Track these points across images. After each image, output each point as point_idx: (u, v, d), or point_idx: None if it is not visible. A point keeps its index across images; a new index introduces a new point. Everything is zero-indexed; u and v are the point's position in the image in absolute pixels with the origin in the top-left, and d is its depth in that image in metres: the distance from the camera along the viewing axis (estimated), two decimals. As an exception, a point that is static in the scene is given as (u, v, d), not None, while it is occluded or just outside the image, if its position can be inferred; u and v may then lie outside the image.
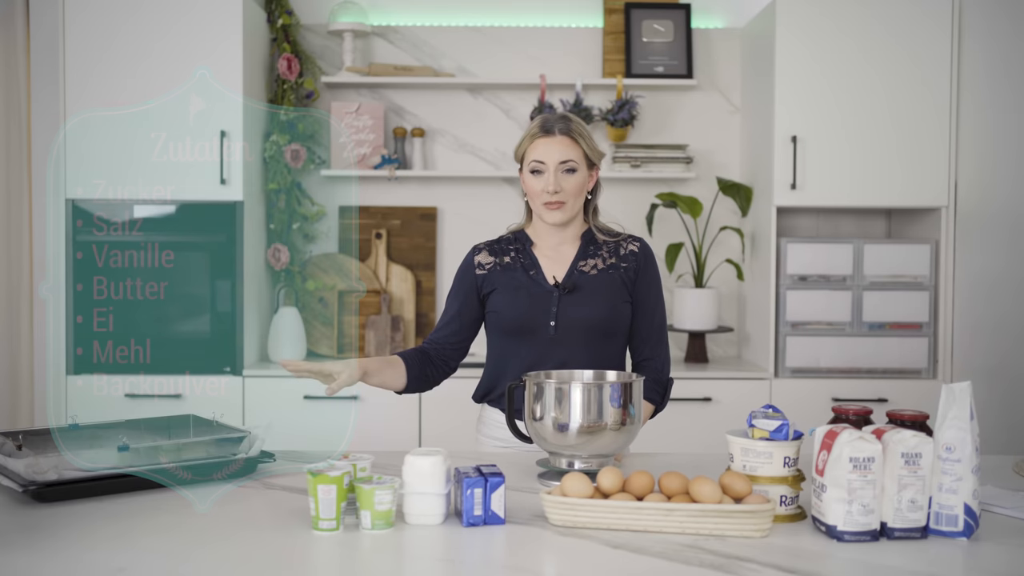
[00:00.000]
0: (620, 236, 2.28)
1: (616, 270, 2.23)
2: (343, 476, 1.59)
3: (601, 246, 2.26)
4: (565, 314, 2.18)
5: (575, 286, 2.20)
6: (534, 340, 2.19)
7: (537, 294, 2.20)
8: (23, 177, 3.83)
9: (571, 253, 2.25)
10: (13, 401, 3.80)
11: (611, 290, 2.21)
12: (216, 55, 3.52)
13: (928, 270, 3.61)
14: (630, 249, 2.26)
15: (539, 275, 2.23)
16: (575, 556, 1.51)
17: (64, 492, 1.76)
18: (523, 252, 2.27)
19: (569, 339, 2.18)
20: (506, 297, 2.22)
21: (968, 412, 1.59)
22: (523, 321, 2.20)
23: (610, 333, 2.21)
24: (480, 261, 2.28)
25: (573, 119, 2.22)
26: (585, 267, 2.23)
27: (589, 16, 4.04)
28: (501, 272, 2.25)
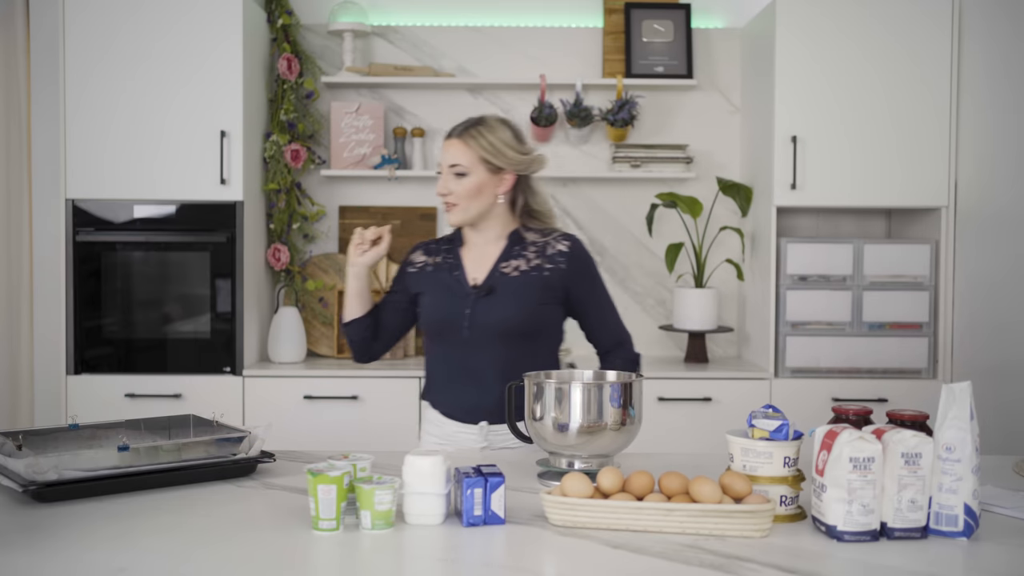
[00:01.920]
0: (550, 235, 2.28)
1: (540, 272, 2.23)
2: (343, 476, 1.59)
3: (528, 246, 2.26)
4: (478, 316, 2.20)
5: (492, 288, 2.21)
6: (451, 341, 2.23)
7: (456, 295, 2.23)
8: (23, 177, 3.83)
9: (495, 254, 2.27)
10: (13, 401, 3.80)
11: (530, 292, 2.21)
12: (216, 55, 3.52)
13: (928, 270, 3.61)
14: (558, 249, 2.26)
15: (461, 276, 2.26)
16: (575, 556, 1.51)
17: (64, 492, 1.76)
18: (452, 252, 2.30)
19: (483, 341, 2.20)
20: (429, 298, 2.27)
21: (968, 412, 1.59)
22: (440, 322, 2.24)
23: (527, 335, 2.21)
24: (413, 259, 2.34)
25: (484, 123, 2.23)
26: (506, 268, 2.24)
27: (589, 16, 4.05)
28: (432, 272, 2.29)
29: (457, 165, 2.21)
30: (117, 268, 3.58)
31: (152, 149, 3.54)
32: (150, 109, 3.52)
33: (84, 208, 3.55)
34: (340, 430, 3.49)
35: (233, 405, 3.52)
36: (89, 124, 3.52)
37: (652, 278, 4.06)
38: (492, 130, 2.22)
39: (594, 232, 4.06)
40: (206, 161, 3.53)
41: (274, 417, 3.36)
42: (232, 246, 3.56)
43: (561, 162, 4.02)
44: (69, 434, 2.02)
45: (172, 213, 3.57)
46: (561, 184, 4.04)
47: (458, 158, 2.21)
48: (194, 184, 3.54)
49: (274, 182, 3.78)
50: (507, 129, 2.25)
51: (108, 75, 3.51)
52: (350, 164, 3.91)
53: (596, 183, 4.04)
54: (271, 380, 3.57)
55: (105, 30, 3.51)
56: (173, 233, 3.57)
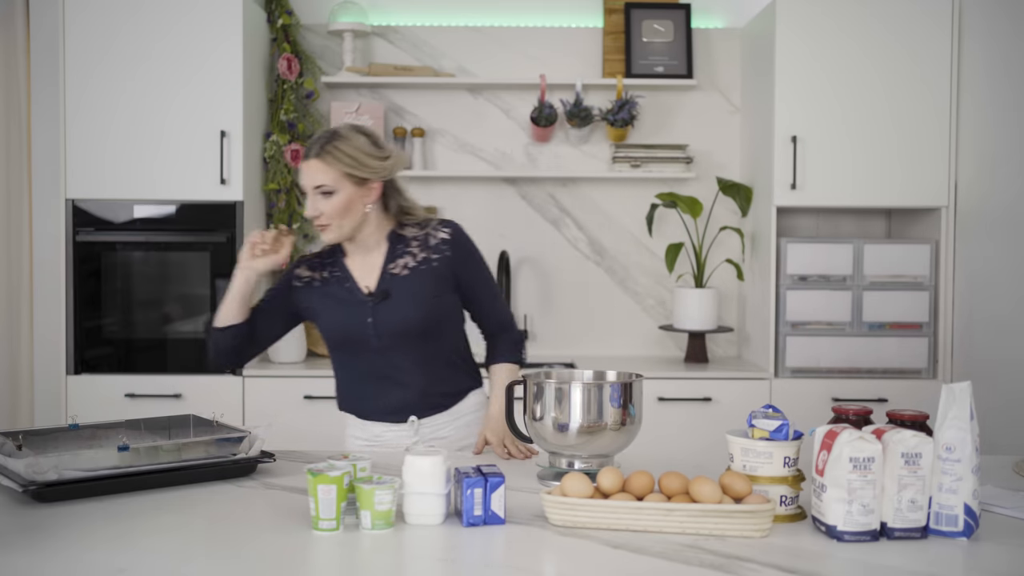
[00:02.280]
0: (429, 225, 2.26)
1: (428, 264, 2.22)
2: (343, 476, 1.59)
3: (410, 242, 2.24)
4: (382, 321, 2.19)
5: (387, 292, 2.20)
6: (362, 350, 2.22)
7: (352, 307, 2.22)
8: (23, 177, 3.83)
9: (380, 258, 2.25)
10: (13, 401, 3.80)
11: (426, 287, 2.21)
12: (216, 55, 3.52)
13: (928, 270, 3.61)
14: (440, 238, 2.25)
15: (353, 286, 2.23)
16: (575, 556, 1.51)
17: (64, 492, 1.76)
18: (336, 265, 2.27)
19: (392, 345, 2.20)
20: (325, 314, 2.24)
21: (968, 412, 1.59)
22: (345, 335, 2.23)
23: (433, 330, 2.23)
24: (298, 274, 2.29)
25: (338, 136, 2.15)
26: (395, 269, 2.22)
27: (589, 16, 4.04)
28: (319, 287, 2.26)
29: (322, 185, 2.13)
30: (117, 268, 3.58)
31: (152, 149, 3.54)
32: (150, 109, 3.52)
33: (84, 208, 3.55)
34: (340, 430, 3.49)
35: (233, 405, 3.52)
36: (89, 124, 3.52)
37: (652, 278, 4.06)
38: (348, 142, 2.14)
39: (594, 232, 4.06)
40: (206, 161, 3.53)
41: (274, 417, 3.36)
42: (232, 246, 3.56)
43: (561, 162, 4.02)
44: (69, 434, 2.02)
45: (172, 213, 3.57)
46: (561, 184, 4.04)
47: (321, 178, 2.12)
48: (194, 184, 3.54)
49: (274, 182, 3.78)
50: (362, 136, 2.17)
51: (108, 75, 3.51)
52: (350, 164, 3.90)
53: (596, 183, 4.04)
54: (271, 380, 3.57)
55: (105, 30, 3.51)
56: (173, 233, 3.57)
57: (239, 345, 2.23)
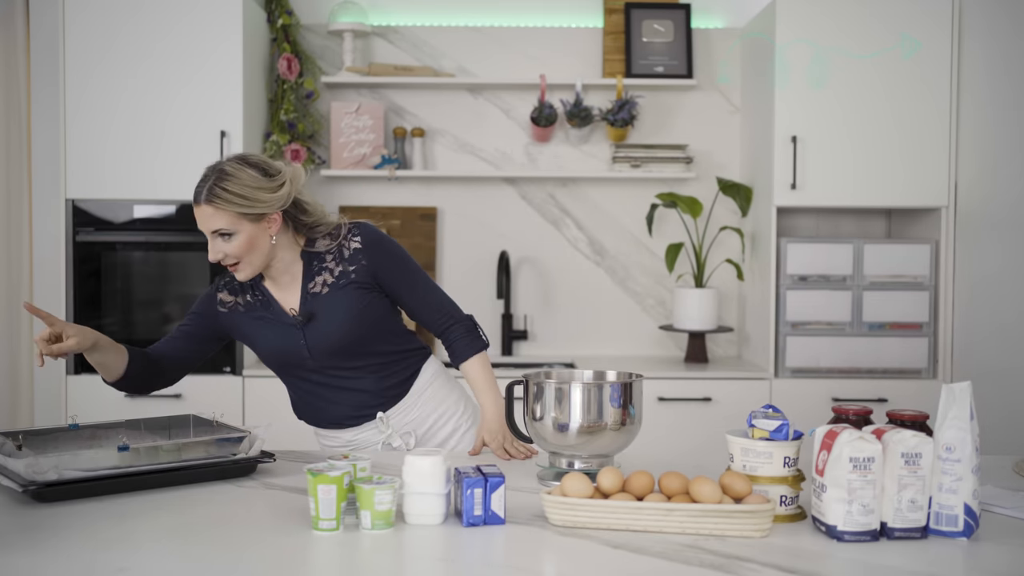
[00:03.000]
0: (340, 236, 2.18)
1: (347, 277, 2.15)
2: (343, 476, 1.59)
3: (324, 257, 2.16)
4: (314, 342, 2.15)
5: (311, 314, 2.14)
6: (299, 370, 2.20)
7: (282, 330, 2.16)
8: (23, 177, 3.83)
9: (297, 279, 2.17)
10: (13, 401, 3.80)
11: (348, 302, 2.14)
12: (216, 55, 3.52)
13: (928, 270, 3.61)
14: (353, 248, 2.17)
15: (277, 309, 2.17)
16: (575, 556, 1.51)
17: (64, 492, 1.76)
18: (256, 289, 2.20)
19: (329, 362, 2.17)
20: (258, 338, 2.19)
21: (968, 412, 1.59)
22: (282, 358, 2.19)
23: (367, 338, 2.17)
24: (221, 299, 2.21)
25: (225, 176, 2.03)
26: (315, 288, 2.15)
27: (589, 16, 4.05)
28: (244, 312, 2.19)
29: (219, 229, 2.03)
30: (117, 268, 3.58)
31: (152, 149, 3.54)
32: (150, 109, 3.52)
33: (84, 208, 3.55)
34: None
35: (233, 405, 3.52)
36: (89, 124, 3.52)
37: (652, 278, 4.06)
38: (235, 180, 2.02)
39: (594, 232, 4.06)
40: (206, 161, 3.45)
41: (274, 417, 3.35)
42: (232, 246, 3.55)
43: (561, 162, 4.02)
44: (69, 434, 2.02)
45: (172, 213, 3.57)
46: (561, 184, 4.04)
47: (216, 223, 2.02)
48: (194, 184, 3.52)
49: (274, 182, 3.78)
50: (249, 169, 2.05)
51: (108, 75, 3.52)
52: (350, 164, 3.91)
53: (596, 183, 4.04)
54: (271, 380, 3.56)
55: (105, 30, 3.51)
56: (173, 233, 3.57)
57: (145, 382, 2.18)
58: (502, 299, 3.96)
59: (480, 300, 3.94)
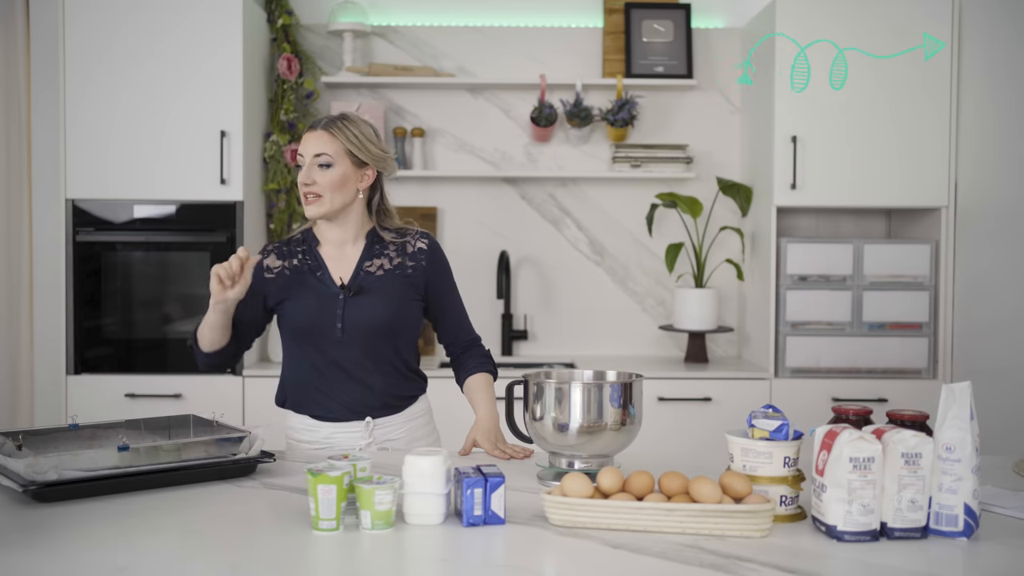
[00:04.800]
0: (407, 234, 2.29)
1: (403, 270, 2.25)
2: (343, 476, 1.59)
3: (387, 245, 2.27)
4: (351, 316, 2.19)
5: (361, 288, 2.21)
6: (322, 342, 2.21)
7: (324, 296, 2.21)
8: (23, 177, 3.83)
9: (356, 254, 2.26)
10: (13, 401, 3.80)
11: (397, 290, 2.23)
12: (216, 55, 3.52)
13: (928, 270, 3.61)
14: (418, 247, 2.28)
15: (326, 276, 2.24)
16: (575, 556, 1.51)
17: (64, 492, 1.76)
18: (310, 253, 2.27)
19: (356, 340, 2.20)
20: (294, 300, 2.23)
21: (968, 412, 1.59)
22: (311, 324, 2.21)
23: (397, 333, 2.24)
24: (268, 265, 2.27)
25: (347, 118, 2.21)
26: (371, 267, 2.24)
27: (589, 16, 4.05)
28: (290, 276, 2.25)
29: (323, 155, 2.16)
30: (117, 268, 3.58)
31: (152, 149, 3.54)
32: (150, 109, 3.52)
33: (84, 208, 3.55)
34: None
35: (233, 405, 3.52)
36: (89, 124, 3.52)
37: (652, 278, 4.06)
38: (355, 124, 2.21)
39: (594, 232, 4.06)
40: (206, 161, 3.53)
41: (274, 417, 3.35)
42: (232, 246, 3.56)
43: (561, 162, 4.02)
44: (69, 434, 2.02)
45: (172, 213, 3.57)
46: (561, 184, 4.04)
47: (323, 147, 2.16)
48: (194, 184, 3.54)
49: (274, 182, 3.78)
50: (368, 126, 2.24)
51: (108, 75, 3.52)
52: (350, 164, 3.90)
53: (596, 183, 4.04)
54: (271, 380, 3.56)
55: (105, 30, 3.51)
56: (173, 233, 3.57)
57: (228, 358, 2.26)
58: (502, 299, 3.96)
59: (480, 300, 3.94)
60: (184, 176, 3.54)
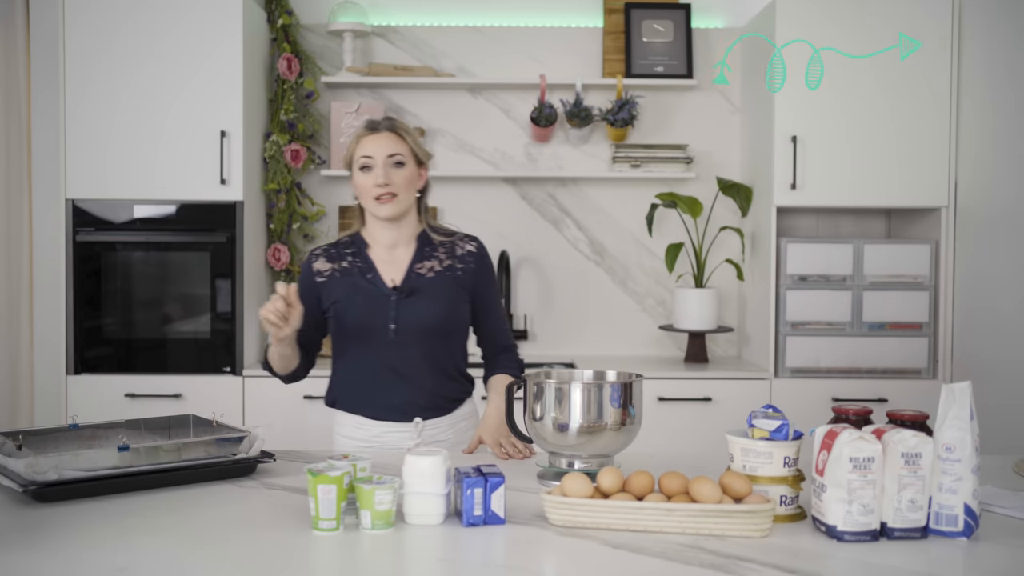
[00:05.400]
0: (455, 236, 2.34)
1: (453, 272, 2.29)
2: (343, 476, 1.59)
3: (437, 247, 2.31)
4: (404, 317, 2.23)
5: (413, 289, 2.25)
6: (375, 343, 2.24)
7: (376, 298, 2.25)
8: (23, 177, 3.83)
9: (407, 256, 2.30)
10: (13, 401, 3.80)
11: (448, 292, 2.27)
12: (216, 55, 3.52)
13: (928, 270, 3.61)
14: (467, 249, 2.32)
15: (376, 278, 2.27)
16: (575, 556, 1.51)
17: (64, 492, 1.76)
18: (360, 256, 2.30)
19: (409, 341, 2.23)
20: (348, 302, 2.26)
21: (968, 412, 1.59)
22: (364, 325, 2.24)
23: (448, 333, 2.28)
24: (319, 268, 2.31)
25: (397, 118, 2.31)
26: (422, 269, 2.28)
27: (589, 16, 4.05)
28: (340, 278, 2.28)
29: (396, 154, 2.22)
30: (117, 268, 3.58)
31: (152, 149, 3.54)
32: (150, 109, 3.52)
33: (84, 208, 3.55)
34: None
35: (233, 405, 3.52)
36: (89, 124, 3.52)
37: (652, 278, 4.06)
38: (406, 124, 2.32)
39: (594, 232, 4.06)
40: (206, 161, 3.53)
41: (274, 417, 3.36)
42: (232, 246, 3.56)
43: (561, 162, 4.02)
44: (69, 434, 2.02)
45: (172, 213, 3.57)
46: (561, 184, 4.04)
47: (396, 148, 2.23)
48: (194, 184, 3.54)
49: (274, 182, 3.78)
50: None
51: (108, 75, 3.51)
52: (350, 164, 3.90)
53: (596, 183, 4.04)
54: (271, 380, 3.55)
55: (105, 30, 3.51)
56: (173, 233, 3.57)
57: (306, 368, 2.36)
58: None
59: (480, 300, 3.93)
60: (184, 176, 3.54)
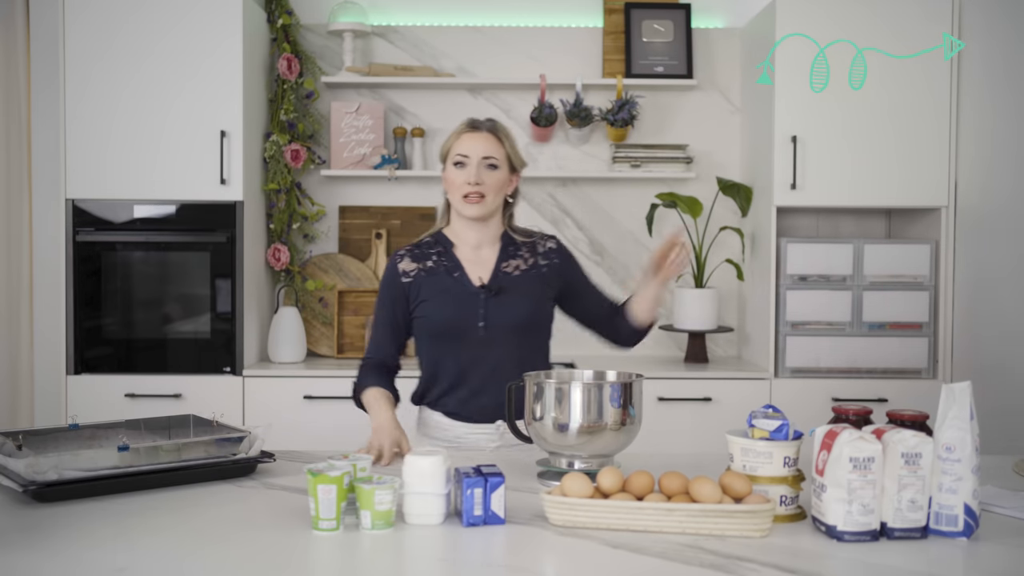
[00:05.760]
0: (535, 236, 2.38)
1: (537, 269, 2.32)
2: (343, 476, 1.59)
3: (520, 247, 2.34)
4: (493, 315, 2.25)
5: (501, 287, 2.27)
6: (464, 342, 2.25)
7: (464, 297, 2.26)
8: (23, 177, 3.83)
9: (492, 255, 2.32)
10: (13, 401, 3.80)
11: (535, 289, 2.31)
12: (216, 55, 3.52)
13: (928, 270, 3.61)
14: (548, 247, 2.36)
15: (463, 277, 2.29)
16: (575, 556, 1.51)
17: (64, 492, 1.76)
18: (445, 255, 2.32)
19: (498, 338, 2.25)
20: (434, 302, 2.27)
21: (968, 412, 1.59)
22: (453, 324, 2.25)
23: (535, 330, 2.32)
24: (404, 269, 2.31)
25: (501, 124, 2.32)
26: (508, 268, 2.31)
27: (589, 16, 4.05)
28: (426, 277, 2.29)
29: (491, 157, 2.25)
30: (117, 268, 3.58)
31: (152, 149, 3.54)
32: (150, 109, 3.52)
33: (84, 208, 3.55)
34: (340, 430, 3.49)
35: (233, 405, 3.52)
36: (89, 124, 3.52)
37: (652, 278, 4.06)
38: (508, 131, 2.32)
39: (594, 232, 4.06)
40: (206, 161, 3.53)
41: (274, 417, 3.36)
42: (232, 246, 3.56)
43: (561, 162, 4.02)
44: (69, 434, 2.02)
45: (172, 213, 3.57)
46: (561, 184, 4.04)
47: (493, 151, 2.26)
48: (194, 184, 3.54)
49: (274, 182, 3.78)
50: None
51: (108, 75, 3.51)
52: (350, 164, 3.91)
53: (596, 183, 4.04)
54: (271, 380, 3.57)
55: (105, 30, 3.51)
56: (173, 233, 3.57)
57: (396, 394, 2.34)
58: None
59: (480, 300, 3.93)
60: (184, 176, 3.54)
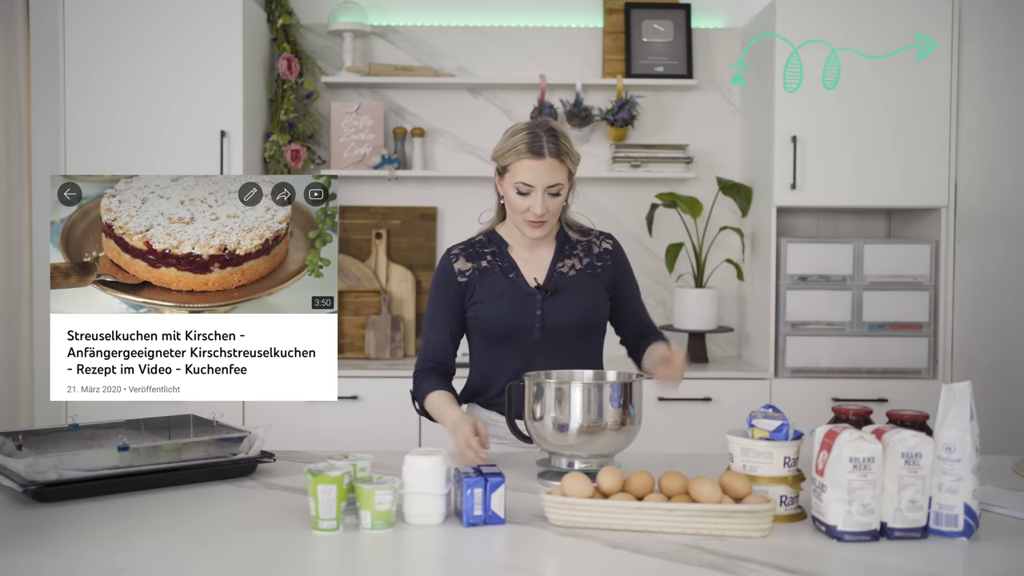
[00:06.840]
0: (591, 234, 2.33)
1: (592, 269, 2.28)
2: (343, 476, 1.59)
3: (575, 245, 2.30)
4: (550, 316, 2.21)
5: (557, 288, 2.23)
6: (520, 343, 2.21)
7: (520, 298, 2.22)
8: (23, 177, 3.83)
9: (547, 255, 2.28)
10: (13, 401, 3.80)
11: (591, 289, 2.27)
12: (216, 55, 3.52)
13: (928, 270, 3.61)
14: (603, 247, 2.32)
15: (519, 278, 2.24)
16: (575, 556, 1.51)
17: (64, 492, 1.76)
18: (500, 255, 2.27)
19: (554, 340, 2.21)
20: (489, 303, 2.23)
21: (968, 412, 1.59)
22: (508, 326, 2.22)
23: (592, 331, 2.28)
24: (460, 268, 2.26)
25: (560, 133, 2.15)
26: (563, 268, 2.27)
27: (589, 16, 4.04)
28: (481, 277, 2.25)
29: (557, 185, 2.13)
30: (117, 268, 3.58)
31: (152, 149, 3.54)
32: (150, 109, 3.52)
33: (84, 208, 3.55)
34: (340, 430, 3.49)
35: (233, 405, 3.51)
36: (89, 124, 3.52)
37: (652, 278, 4.06)
38: (568, 139, 2.17)
39: (594, 232, 4.05)
40: (206, 161, 3.53)
41: (274, 417, 3.35)
42: (232, 246, 3.55)
43: (561, 162, 4.02)
44: (69, 434, 2.02)
45: (172, 213, 3.57)
46: (561, 184, 4.04)
47: (557, 178, 2.13)
48: (194, 184, 3.53)
49: (274, 182, 3.78)
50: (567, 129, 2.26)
51: (108, 75, 3.51)
52: (350, 164, 3.91)
53: (596, 183, 4.04)
54: (271, 380, 3.56)
55: (105, 30, 3.51)
56: (173, 233, 3.57)
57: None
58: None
59: (480, 300, 3.93)
60: (184, 176, 3.53)
